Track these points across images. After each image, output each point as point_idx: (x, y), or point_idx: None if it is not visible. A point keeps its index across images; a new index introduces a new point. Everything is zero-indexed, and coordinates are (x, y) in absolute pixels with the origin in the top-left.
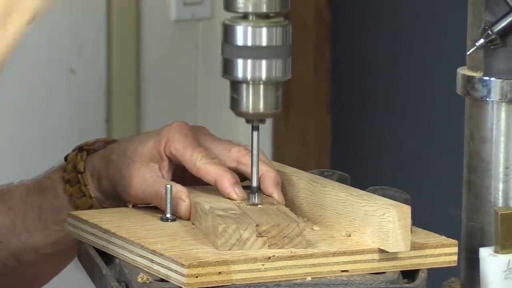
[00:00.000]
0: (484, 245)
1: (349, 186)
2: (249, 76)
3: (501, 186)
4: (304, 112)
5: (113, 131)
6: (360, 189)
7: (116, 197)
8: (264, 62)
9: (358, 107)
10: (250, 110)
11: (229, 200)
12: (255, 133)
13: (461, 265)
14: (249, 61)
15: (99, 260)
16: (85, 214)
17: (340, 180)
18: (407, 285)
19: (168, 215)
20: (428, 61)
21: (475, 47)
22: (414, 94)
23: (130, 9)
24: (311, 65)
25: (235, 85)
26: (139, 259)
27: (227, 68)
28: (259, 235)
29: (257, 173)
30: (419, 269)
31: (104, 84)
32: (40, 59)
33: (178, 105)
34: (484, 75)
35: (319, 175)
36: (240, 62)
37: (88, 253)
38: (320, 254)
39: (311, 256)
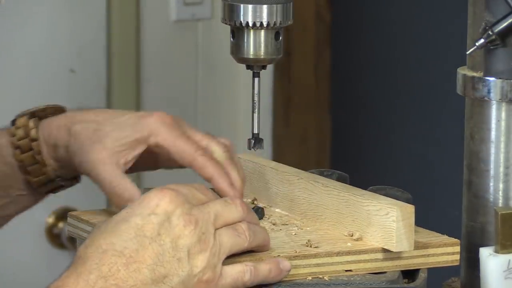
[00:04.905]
0: (484, 245)
1: (351, 186)
2: (250, 21)
3: (501, 186)
4: (304, 112)
5: None
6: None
7: (70, 166)
8: (265, 7)
9: (358, 107)
10: (251, 55)
11: None
12: (256, 79)
13: (461, 265)
14: (250, 6)
15: None
16: (86, 214)
17: (340, 179)
18: (407, 285)
19: None
20: (428, 61)
21: (475, 47)
22: (414, 94)
23: (130, 9)
24: (311, 65)
25: (236, 31)
26: None
27: (228, 13)
28: None
29: (258, 120)
30: (419, 269)
31: (104, 84)
32: (40, 59)
33: (178, 105)
34: (484, 75)
35: (318, 175)
36: (241, 7)
37: None
38: (324, 254)
39: (315, 256)
